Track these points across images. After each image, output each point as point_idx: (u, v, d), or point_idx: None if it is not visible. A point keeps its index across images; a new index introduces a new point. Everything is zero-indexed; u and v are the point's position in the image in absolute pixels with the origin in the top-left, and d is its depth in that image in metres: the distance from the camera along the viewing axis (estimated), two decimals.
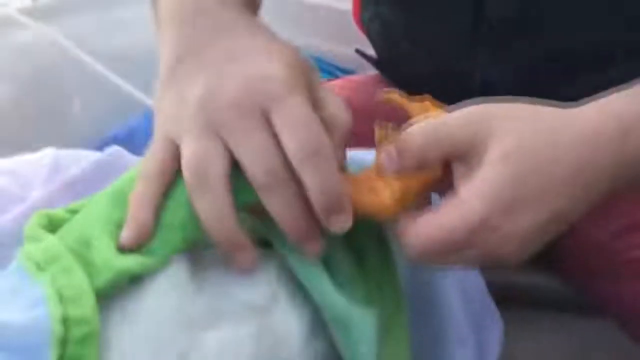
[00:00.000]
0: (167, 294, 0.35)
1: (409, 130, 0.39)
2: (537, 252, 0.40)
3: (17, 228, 0.37)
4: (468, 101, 0.40)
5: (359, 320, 0.37)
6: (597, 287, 0.65)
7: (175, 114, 0.38)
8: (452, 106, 0.40)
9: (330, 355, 0.39)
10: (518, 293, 0.72)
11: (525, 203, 0.37)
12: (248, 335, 0.36)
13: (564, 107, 0.40)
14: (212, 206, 0.35)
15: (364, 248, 0.40)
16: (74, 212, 0.38)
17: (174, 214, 0.36)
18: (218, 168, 0.35)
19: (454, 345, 0.46)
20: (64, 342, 0.31)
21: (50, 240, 0.35)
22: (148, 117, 1.04)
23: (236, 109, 0.36)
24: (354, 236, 0.38)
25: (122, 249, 0.35)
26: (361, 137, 0.42)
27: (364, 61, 0.77)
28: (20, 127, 0.99)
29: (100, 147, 0.47)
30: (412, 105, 0.41)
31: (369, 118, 0.68)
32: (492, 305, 0.50)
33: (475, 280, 0.49)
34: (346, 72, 1.15)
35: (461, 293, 0.46)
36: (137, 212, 0.36)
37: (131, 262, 0.35)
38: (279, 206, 0.36)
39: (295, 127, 0.35)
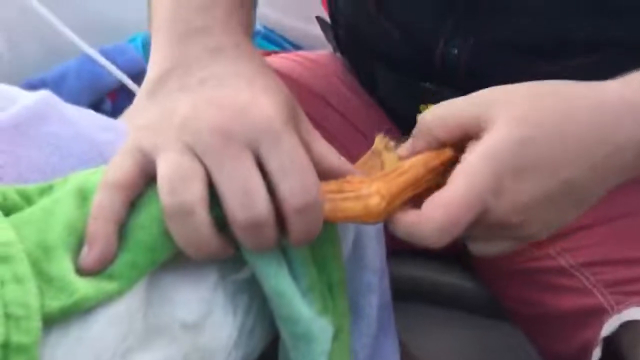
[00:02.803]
0: (117, 323, 0.32)
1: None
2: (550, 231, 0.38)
3: None
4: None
5: (320, 334, 0.37)
6: (509, 291, 0.65)
7: (154, 127, 0.36)
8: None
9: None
10: (426, 289, 0.72)
11: (534, 169, 0.36)
12: (177, 355, 0.34)
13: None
14: (192, 231, 0.33)
15: (325, 254, 0.39)
16: (25, 197, 0.34)
17: (145, 232, 0.33)
18: (197, 190, 0.33)
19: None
20: None
21: (6, 234, 0.31)
22: (82, 62, 0.99)
23: (222, 135, 0.34)
24: (316, 243, 0.37)
25: (83, 271, 0.32)
26: (309, 116, 0.41)
27: (311, 38, 0.74)
28: None
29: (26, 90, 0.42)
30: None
31: (318, 99, 0.67)
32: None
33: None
34: (295, 47, 1.13)
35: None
36: (100, 229, 0.33)
37: (92, 289, 0.31)
38: (255, 247, 0.35)
39: (292, 173, 0.34)
